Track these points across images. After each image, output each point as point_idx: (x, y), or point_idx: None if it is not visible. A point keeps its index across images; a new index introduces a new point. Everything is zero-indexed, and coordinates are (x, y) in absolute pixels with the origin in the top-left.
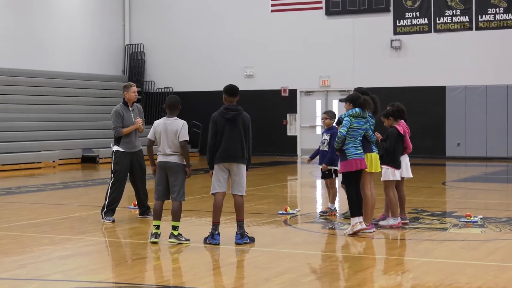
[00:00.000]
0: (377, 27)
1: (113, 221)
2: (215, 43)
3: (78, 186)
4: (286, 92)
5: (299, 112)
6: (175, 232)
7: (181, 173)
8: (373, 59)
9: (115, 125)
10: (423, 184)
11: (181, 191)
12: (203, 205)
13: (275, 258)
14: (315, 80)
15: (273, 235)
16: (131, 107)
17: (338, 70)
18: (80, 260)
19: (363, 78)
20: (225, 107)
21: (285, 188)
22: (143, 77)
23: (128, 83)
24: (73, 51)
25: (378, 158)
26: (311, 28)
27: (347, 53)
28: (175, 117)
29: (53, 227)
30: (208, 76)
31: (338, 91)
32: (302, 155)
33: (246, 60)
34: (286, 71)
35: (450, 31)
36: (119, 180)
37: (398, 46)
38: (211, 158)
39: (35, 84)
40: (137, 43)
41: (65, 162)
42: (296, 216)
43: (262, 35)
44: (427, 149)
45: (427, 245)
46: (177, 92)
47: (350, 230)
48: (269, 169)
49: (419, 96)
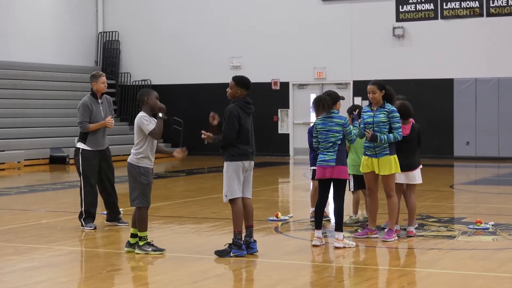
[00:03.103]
0: (378, 13)
1: (94, 228)
2: (199, 31)
3: (46, 190)
4: (277, 85)
5: (291, 107)
6: (131, 240)
7: (132, 175)
8: (373, 48)
9: (82, 120)
10: (428, 187)
11: (133, 196)
12: (185, 210)
13: (264, 269)
14: (309, 72)
15: (262, 243)
16: (100, 99)
17: (335, 61)
18: (48, 272)
19: (362, 70)
20: (245, 101)
21: (276, 192)
22: (118, 69)
23: (97, 72)
24: (40, 39)
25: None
26: (305, 14)
27: (344, 42)
28: (142, 111)
29: (18, 235)
30: (191, 67)
31: (334, 84)
32: (295, 155)
33: (232, 50)
34: (277, 62)
35: (459, 18)
36: (90, 182)
37: (401, 34)
38: (225, 148)
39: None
40: (111, 31)
41: (31, 163)
42: (288, 222)
43: (250, 22)
44: (433, 149)
45: (433, 254)
46: (156, 85)
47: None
48: (258, 170)
49: (424, 90)
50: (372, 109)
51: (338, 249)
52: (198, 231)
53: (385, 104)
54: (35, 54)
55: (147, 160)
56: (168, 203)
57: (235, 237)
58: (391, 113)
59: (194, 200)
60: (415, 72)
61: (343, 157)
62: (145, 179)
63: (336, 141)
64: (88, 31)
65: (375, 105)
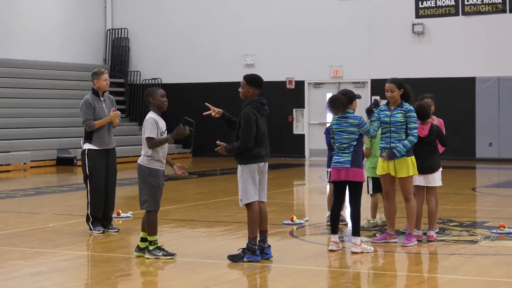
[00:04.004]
0: (397, 10)
1: (103, 231)
2: (211, 28)
3: (52, 192)
4: (292, 84)
5: (306, 107)
6: (141, 245)
7: (141, 177)
8: (391, 46)
9: (86, 118)
10: (449, 190)
11: (142, 198)
12: (196, 214)
13: (279, 275)
14: (325, 70)
15: (277, 248)
16: (102, 97)
17: (352, 58)
18: (55, 278)
19: (380, 68)
20: (260, 102)
21: (291, 195)
22: (127, 67)
23: (98, 69)
24: (46, 36)
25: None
26: (321, 10)
27: (362, 39)
28: (151, 111)
29: (24, 239)
30: (202, 66)
31: (351, 83)
32: (311, 157)
33: (246, 48)
34: (292, 60)
35: (481, 14)
36: (97, 184)
37: (421, 31)
38: (240, 153)
39: (1, 75)
40: (120, 28)
41: (38, 165)
42: (304, 226)
43: (264, 18)
44: (454, 150)
45: (454, 260)
46: (166, 84)
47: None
48: (273, 172)
49: (444, 89)
50: (389, 108)
51: (355, 254)
52: (210, 235)
53: (403, 103)
54: (40, 52)
55: (158, 162)
56: (179, 206)
57: (249, 242)
58: (408, 113)
59: (206, 203)
60: (435, 70)
61: (359, 158)
62: (154, 181)
63: (351, 142)
64: (96, 28)
65: (392, 104)
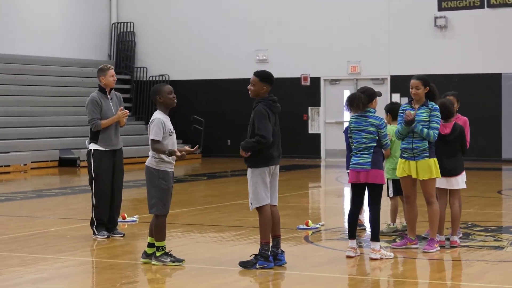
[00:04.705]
0: (418, 2)
1: (108, 236)
2: (221, 22)
3: (54, 195)
4: (307, 80)
5: (322, 105)
6: (148, 250)
7: (150, 180)
8: (413, 40)
9: (92, 117)
10: (474, 193)
11: (151, 202)
12: (206, 218)
13: (293, 282)
14: (342, 66)
15: (291, 254)
16: (109, 95)
17: (371, 54)
18: (57, 285)
19: (400, 64)
20: (271, 99)
21: (306, 198)
22: (133, 63)
23: (104, 65)
24: (48, 31)
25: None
26: (338, 2)
27: (381, 34)
28: (158, 110)
29: (25, 244)
30: (212, 61)
31: (370, 79)
32: (327, 157)
33: (258, 42)
34: (307, 55)
35: (507, 6)
36: (103, 187)
37: (444, 24)
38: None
39: (1, 71)
40: (126, 22)
41: (39, 166)
42: (320, 231)
43: (277, 11)
44: (479, 150)
45: (479, 267)
46: (174, 81)
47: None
48: (286, 174)
49: (468, 86)
50: (413, 107)
51: (374, 260)
52: (220, 240)
53: (428, 102)
54: (42, 48)
55: (167, 163)
56: (188, 209)
57: (262, 248)
58: (433, 111)
59: (216, 206)
60: (459, 66)
61: (379, 160)
62: (164, 184)
63: (370, 142)
64: (100, 22)
65: (416, 103)
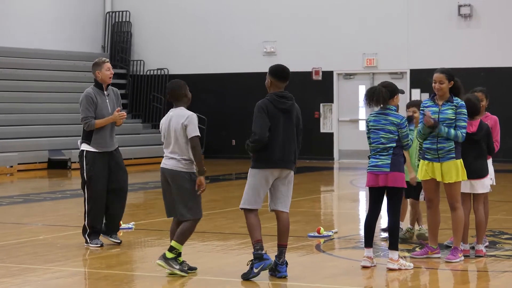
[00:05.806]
0: None
1: (101, 245)
2: (225, 11)
3: (43, 200)
4: (318, 75)
5: (336, 101)
6: (168, 255)
7: (181, 185)
8: (434, 31)
9: (86, 115)
10: (501, 197)
11: (187, 206)
12: (209, 225)
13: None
14: (357, 59)
15: (301, 264)
16: (106, 90)
17: (388, 46)
18: None
19: (420, 56)
20: (278, 94)
21: (318, 203)
22: (129, 56)
23: (99, 59)
24: (36, 21)
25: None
26: None
27: (400, 24)
28: (181, 107)
29: (11, 253)
30: (216, 54)
31: (387, 73)
32: (340, 159)
33: (265, 34)
34: (318, 47)
35: None
36: (96, 191)
37: (468, 13)
38: (254, 152)
39: None
40: (121, 11)
41: (26, 168)
42: (332, 239)
43: (286, 0)
44: (506, 151)
45: (507, 278)
46: (174, 76)
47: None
48: (297, 177)
49: (495, 81)
50: (436, 104)
51: (392, 271)
52: (224, 250)
53: (452, 97)
54: (29, 39)
55: (193, 163)
56: None
57: (253, 250)
58: (459, 108)
59: (220, 212)
60: (485, 59)
61: (400, 162)
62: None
63: (389, 143)
64: (94, 12)
65: (440, 99)
